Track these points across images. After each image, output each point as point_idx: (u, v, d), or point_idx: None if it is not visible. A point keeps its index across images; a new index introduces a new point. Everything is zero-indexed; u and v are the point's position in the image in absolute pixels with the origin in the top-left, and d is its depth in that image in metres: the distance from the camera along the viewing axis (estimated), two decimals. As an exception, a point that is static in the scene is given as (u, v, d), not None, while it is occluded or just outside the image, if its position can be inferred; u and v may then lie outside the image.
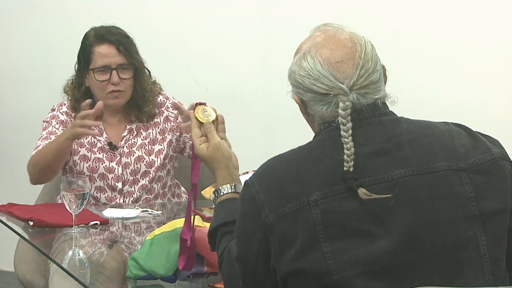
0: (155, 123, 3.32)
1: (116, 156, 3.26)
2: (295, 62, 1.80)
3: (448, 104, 4.04)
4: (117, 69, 3.21)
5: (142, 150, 3.28)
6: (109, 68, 3.20)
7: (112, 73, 3.20)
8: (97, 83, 3.21)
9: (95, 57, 3.21)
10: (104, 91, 3.21)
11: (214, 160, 2.07)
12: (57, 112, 3.30)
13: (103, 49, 3.21)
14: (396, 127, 1.76)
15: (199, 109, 2.15)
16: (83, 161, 3.23)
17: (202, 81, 4.49)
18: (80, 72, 3.28)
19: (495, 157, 1.79)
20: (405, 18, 4.13)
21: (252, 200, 1.76)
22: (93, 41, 3.23)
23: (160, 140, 3.31)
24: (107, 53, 3.21)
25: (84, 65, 3.24)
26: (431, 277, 1.69)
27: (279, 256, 1.73)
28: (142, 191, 3.26)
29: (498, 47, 4.00)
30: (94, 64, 3.21)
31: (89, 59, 3.22)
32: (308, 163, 1.74)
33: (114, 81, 3.20)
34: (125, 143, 3.28)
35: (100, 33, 3.24)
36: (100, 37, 3.23)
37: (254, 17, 4.43)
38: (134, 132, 3.30)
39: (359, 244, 1.68)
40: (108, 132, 3.30)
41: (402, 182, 1.70)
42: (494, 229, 1.75)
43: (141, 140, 3.30)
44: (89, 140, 3.26)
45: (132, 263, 2.20)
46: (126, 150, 3.27)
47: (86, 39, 3.26)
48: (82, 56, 3.25)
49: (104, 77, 3.20)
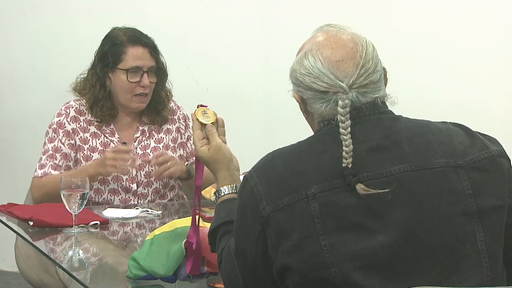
0: (168, 130, 3.34)
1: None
2: (297, 61, 1.82)
3: (448, 104, 4.04)
4: (147, 72, 3.22)
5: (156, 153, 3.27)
6: (141, 70, 3.21)
7: (144, 75, 3.21)
8: (128, 84, 3.20)
9: (127, 57, 3.20)
10: (131, 93, 3.22)
11: (215, 162, 2.08)
12: (64, 119, 3.25)
13: (137, 51, 3.21)
14: (395, 124, 1.78)
15: (199, 111, 2.16)
16: None
17: (202, 81, 4.49)
18: (102, 71, 3.24)
19: (493, 154, 1.80)
20: (405, 18, 4.13)
21: (251, 192, 1.77)
22: (126, 41, 3.22)
23: (172, 148, 3.32)
24: (141, 55, 3.22)
25: (113, 64, 3.22)
26: (429, 272, 1.70)
27: (276, 248, 1.74)
28: (156, 195, 3.25)
29: (498, 47, 4.01)
30: (126, 64, 3.20)
31: (120, 59, 3.21)
32: (308, 157, 1.75)
33: (145, 84, 3.21)
34: (138, 144, 3.28)
35: (133, 34, 3.24)
36: (134, 39, 3.23)
37: (254, 17, 4.43)
38: (147, 134, 3.30)
39: (356, 238, 1.69)
40: (121, 133, 3.29)
41: (400, 178, 1.72)
42: (492, 226, 1.76)
43: (154, 143, 3.30)
44: (102, 141, 3.25)
45: (132, 263, 2.20)
46: (140, 152, 3.26)
47: (115, 39, 3.24)
48: (111, 56, 3.23)
49: (135, 79, 3.20)
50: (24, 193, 3.43)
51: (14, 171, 4.83)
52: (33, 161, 3.30)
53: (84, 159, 3.21)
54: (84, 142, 3.23)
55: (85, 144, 3.23)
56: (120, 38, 3.23)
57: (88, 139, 3.24)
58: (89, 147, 3.22)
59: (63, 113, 3.26)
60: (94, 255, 2.59)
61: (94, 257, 2.56)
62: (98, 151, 3.22)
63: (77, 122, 3.25)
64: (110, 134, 3.25)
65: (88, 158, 3.21)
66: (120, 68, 3.20)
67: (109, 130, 3.25)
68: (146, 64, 3.22)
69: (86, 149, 3.21)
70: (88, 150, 3.22)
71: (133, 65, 3.20)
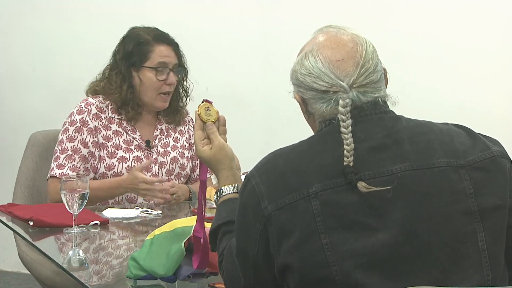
0: (181, 131, 3.41)
1: (153, 155, 3.29)
2: (297, 62, 1.83)
3: (448, 104, 4.05)
4: (173, 70, 3.26)
5: (176, 152, 3.34)
6: (167, 68, 3.24)
7: (170, 73, 3.25)
8: (155, 82, 3.23)
9: (154, 55, 3.24)
10: (156, 91, 3.25)
11: (217, 161, 2.08)
12: (86, 116, 3.24)
13: (164, 49, 3.25)
14: (396, 123, 1.79)
15: (202, 106, 2.15)
16: (121, 162, 3.23)
17: (202, 81, 4.48)
18: (128, 70, 3.25)
19: (495, 155, 1.81)
20: (405, 18, 4.13)
21: (252, 192, 1.78)
22: (152, 40, 3.25)
23: (187, 148, 3.39)
24: (168, 53, 3.26)
25: (140, 63, 3.24)
26: (429, 271, 1.70)
27: (277, 247, 1.74)
28: None
29: (498, 47, 4.01)
30: (153, 62, 3.23)
31: (146, 57, 3.24)
32: (309, 156, 1.76)
33: (172, 81, 3.25)
34: (158, 142, 3.33)
35: (158, 33, 3.28)
36: (159, 37, 3.26)
37: (254, 17, 4.43)
38: (165, 133, 3.36)
39: (357, 236, 1.69)
40: (141, 131, 3.32)
41: (402, 177, 1.72)
42: (493, 226, 1.76)
43: (172, 141, 3.36)
44: (125, 139, 3.26)
45: (132, 263, 2.20)
46: (161, 150, 3.32)
47: (139, 38, 3.26)
48: (138, 54, 3.25)
49: (163, 77, 3.24)
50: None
51: (14, 171, 4.82)
52: (33, 161, 3.29)
53: (108, 156, 3.23)
54: (108, 140, 3.25)
55: (108, 142, 3.24)
56: (145, 37, 3.26)
57: (111, 137, 3.26)
58: (113, 144, 3.25)
59: (84, 110, 3.25)
60: (94, 255, 2.59)
61: (94, 257, 2.56)
62: (122, 148, 3.25)
63: (99, 119, 3.26)
64: (132, 132, 3.29)
65: (112, 155, 3.23)
66: (147, 66, 3.23)
67: (130, 128, 3.29)
68: (172, 61, 3.27)
69: (110, 147, 3.24)
70: (112, 147, 3.24)
71: (161, 61, 3.23)
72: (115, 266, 2.46)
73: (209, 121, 2.13)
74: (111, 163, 3.22)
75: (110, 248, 2.70)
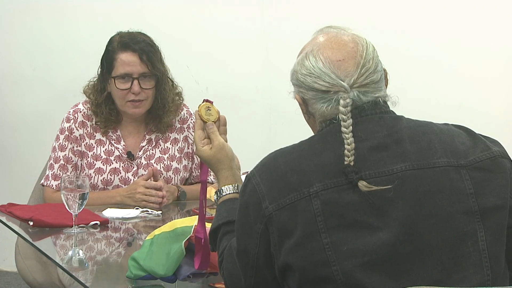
0: (175, 140, 3.31)
1: (133, 167, 3.24)
2: (298, 62, 1.84)
3: (448, 104, 4.04)
4: (138, 79, 3.17)
5: (160, 165, 3.26)
6: (131, 77, 3.17)
7: (134, 82, 3.16)
8: (118, 91, 3.17)
9: (117, 64, 3.17)
10: (124, 100, 3.18)
11: (217, 161, 2.08)
12: (72, 124, 3.24)
13: (125, 57, 3.17)
14: (397, 123, 1.79)
15: (203, 106, 2.15)
16: (97, 174, 3.21)
17: (202, 81, 4.49)
18: (102, 77, 3.23)
19: (495, 155, 1.82)
20: (405, 18, 4.13)
21: (253, 192, 1.78)
22: (117, 48, 3.19)
23: (178, 159, 3.30)
24: (130, 61, 3.17)
25: (107, 71, 3.20)
26: (429, 270, 1.71)
27: (279, 247, 1.75)
28: None
29: (498, 47, 4.01)
30: (116, 71, 3.17)
31: (112, 66, 3.18)
32: (310, 156, 1.76)
33: (135, 91, 3.16)
34: (143, 153, 3.26)
35: (124, 40, 3.20)
36: (124, 45, 3.18)
37: (254, 17, 4.43)
38: (153, 143, 3.28)
39: (358, 235, 1.70)
40: (127, 140, 3.27)
41: (402, 176, 1.73)
42: (493, 225, 1.77)
43: (159, 153, 3.28)
44: (106, 149, 3.24)
45: (132, 263, 2.20)
46: (144, 162, 3.25)
47: (110, 45, 3.23)
48: (106, 62, 3.21)
49: (125, 86, 3.17)
50: (24, 193, 3.44)
51: (14, 171, 4.83)
52: (33, 161, 3.30)
53: (87, 167, 3.21)
54: (89, 149, 3.23)
55: (89, 151, 3.22)
56: (114, 45, 3.21)
57: (93, 146, 3.23)
58: (93, 154, 3.22)
59: (71, 118, 3.25)
60: (94, 255, 2.59)
61: (94, 257, 2.56)
62: (102, 159, 3.22)
63: (85, 127, 3.24)
64: (116, 141, 3.24)
65: (90, 165, 3.21)
66: (112, 76, 3.18)
67: (115, 137, 3.24)
68: (135, 70, 3.17)
69: (90, 157, 3.21)
70: (92, 157, 3.21)
71: (122, 72, 3.17)
72: (115, 266, 2.46)
73: (209, 120, 2.13)
74: (89, 174, 3.20)
75: (110, 248, 2.71)
